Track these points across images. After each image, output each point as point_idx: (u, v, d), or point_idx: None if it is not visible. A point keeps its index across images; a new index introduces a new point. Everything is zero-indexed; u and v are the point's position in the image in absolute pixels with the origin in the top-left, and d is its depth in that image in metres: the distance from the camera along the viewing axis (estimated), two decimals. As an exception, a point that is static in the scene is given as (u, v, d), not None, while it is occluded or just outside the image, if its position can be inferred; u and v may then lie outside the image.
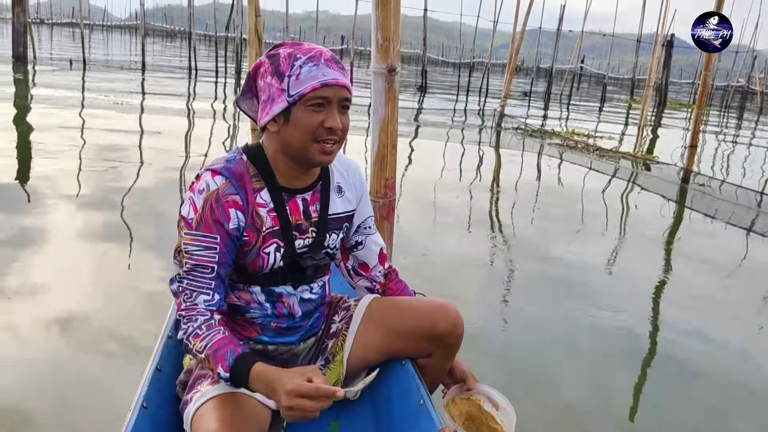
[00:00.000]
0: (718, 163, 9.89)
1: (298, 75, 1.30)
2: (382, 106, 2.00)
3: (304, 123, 1.32)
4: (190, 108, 10.29)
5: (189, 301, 1.33)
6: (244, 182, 1.36)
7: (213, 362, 1.26)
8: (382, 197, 2.11)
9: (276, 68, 1.33)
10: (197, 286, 1.33)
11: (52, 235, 3.63)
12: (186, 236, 1.33)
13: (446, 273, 3.66)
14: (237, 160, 1.38)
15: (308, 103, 1.31)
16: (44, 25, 44.24)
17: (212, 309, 1.34)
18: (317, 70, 1.31)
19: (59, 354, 2.40)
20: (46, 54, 20.07)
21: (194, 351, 1.30)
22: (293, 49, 1.34)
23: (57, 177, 4.89)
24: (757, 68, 30.18)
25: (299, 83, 1.30)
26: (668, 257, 4.52)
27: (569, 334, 2.98)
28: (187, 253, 1.32)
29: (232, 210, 1.33)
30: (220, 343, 1.27)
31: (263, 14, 8.20)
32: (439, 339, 1.54)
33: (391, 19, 1.88)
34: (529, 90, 22.90)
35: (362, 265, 1.66)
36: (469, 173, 7.03)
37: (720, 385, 2.66)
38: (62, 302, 2.80)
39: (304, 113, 1.31)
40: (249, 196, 1.36)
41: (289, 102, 1.31)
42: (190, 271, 1.33)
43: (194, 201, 1.33)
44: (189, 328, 1.31)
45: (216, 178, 1.34)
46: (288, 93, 1.31)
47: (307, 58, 1.32)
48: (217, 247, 1.33)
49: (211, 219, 1.32)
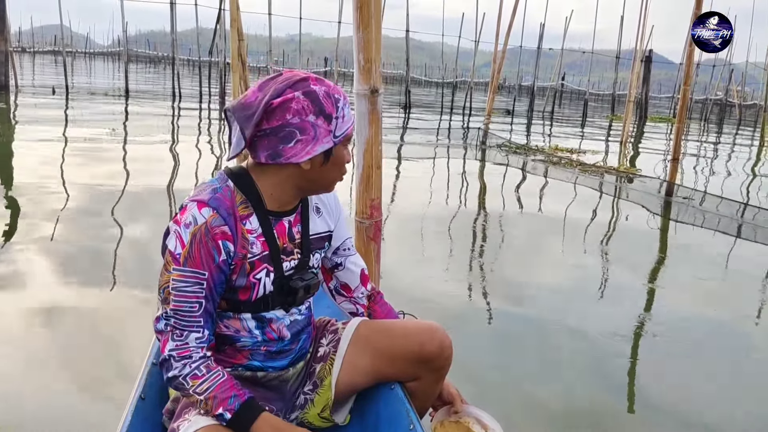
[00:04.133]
0: (701, 175, 10.00)
1: (343, 117, 1.35)
2: (366, 127, 2.00)
3: (341, 160, 1.39)
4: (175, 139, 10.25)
5: (179, 340, 1.30)
6: (233, 210, 1.34)
7: (214, 404, 1.26)
8: (368, 218, 2.10)
9: (320, 109, 1.31)
10: (187, 324, 1.30)
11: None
12: (174, 272, 1.29)
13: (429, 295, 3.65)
14: (223, 188, 1.35)
15: (344, 143, 1.38)
16: (26, 53, 44.14)
17: (203, 346, 1.32)
18: (349, 110, 1.38)
19: (38, 383, 2.34)
20: (29, 82, 19.96)
21: (191, 392, 1.28)
22: (327, 88, 1.34)
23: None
24: (734, 81, 30.74)
25: (344, 124, 1.35)
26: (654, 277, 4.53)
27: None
28: (174, 290, 1.29)
29: (221, 242, 1.30)
30: (223, 386, 1.28)
31: (246, 38, 8.25)
32: (426, 362, 1.52)
33: (373, 40, 1.88)
34: (512, 107, 23.12)
35: (344, 286, 1.65)
36: (454, 191, 7.05)
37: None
38: (42, 330, 2.75)
39: (342, 152, 1.39)
40: (237, 224, 1.34)
41: (334, 142, 1.35)
42: (179, 309, 1.30)
43: (181, 235, 1.29)
44: (184, 367, 1.29)
45: (203, 210, 1.30)
46: (334, 134, 1.34)
47: (344, 99, 1.36)
48: (206, 283, 1.30)
49: (200, 254, 1.29)
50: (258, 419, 1.28)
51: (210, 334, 1.34)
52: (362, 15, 1.86)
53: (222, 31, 16.96)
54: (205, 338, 1.32)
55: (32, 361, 2.52)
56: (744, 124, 28.56)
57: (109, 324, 2.92)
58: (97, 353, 2.62)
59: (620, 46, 23.97)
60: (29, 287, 3.28)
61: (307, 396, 1.56)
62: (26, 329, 2.80)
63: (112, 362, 2.55)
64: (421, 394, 1.58)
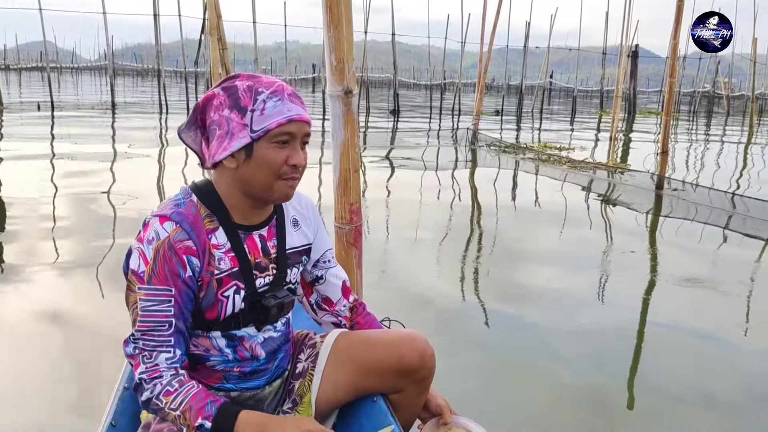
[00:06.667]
0: (691, 166, 9.99)
1: (263, 110, 1.24)
2: (341, 129, 1.93)
3: (269, 160, 1.26)
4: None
5: (149, 362, 1.24)
6: (197, 225, 1.27)
7: (191, 416, 1.20)
8: (347, 223, 2.03)
9: (235, 102, 1.24)
10: (156, 344, 1.24)
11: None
12: (139, 291, 1.23)
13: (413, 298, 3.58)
14: (187, 203, 1.29)
15: (273, 140, 1.25)
16: (11, 70, 43.84)
17: (176, 366, 1.25)
18: (282, 105, 1.25)
19: (7, 408, 2.26)
20: (15, 99, 19.80)
21: (166, 409, 1.22)
22: (252, 82, 1.26)
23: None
24: (721, 73, 30.87)
25: (264, 119, 1.24)
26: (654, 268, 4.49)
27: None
28: (141, 310, 1.23)
29: (185, 257, 1.24)
30: (198, 396, 1.23)
31: (233, 47, 8.16)
32: (408, 374, 1.45)
33: (344, 39, 1.82)
34: (501, 107, 23.12)
35: (326, 300, 1.58)
36: (446, 193, 6.99)
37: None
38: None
39: (269, 150, 1.26)
40: (202, 239, 1.27)
41: (252, 138, 1.24)
42: (147, 329, 1.23)
43: (143, 252, 1.23)
44: (155, 387, 1.23)
45: (165, 224, 1.24)
46: (251, 128, 1.24)
47: (271, 92, 1.25)
48: (173, 300, 1.24)
49: (164, 270, 1.22)
50: (238, 419, 1.22)
51: (182, 353, 1.28)
52: (332, 14, 1.80)
53: (207, 41, 16.87)
54: (176, 358, 1.26)
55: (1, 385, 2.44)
56: (732, 114, 28.67)
57: (81, 346, 2.83)
58: (67, 377, 2.53)
59: (606, 42, 24.06)
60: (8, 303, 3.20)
61: (286, 414, 1.48)
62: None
63: (82, 386, 2.45)
64: (406, 405, 1.51)
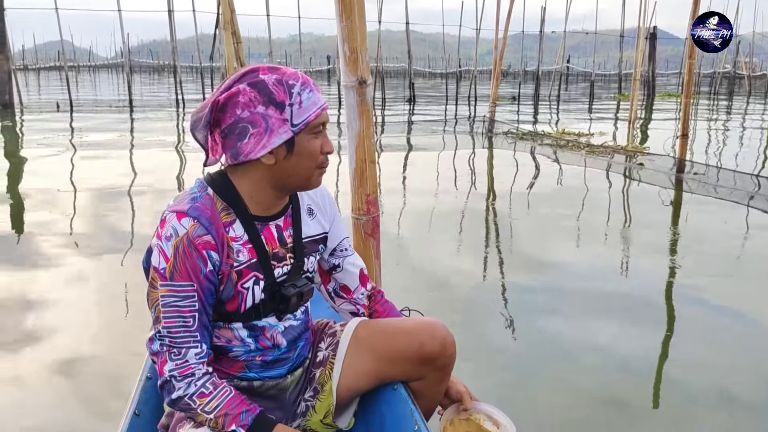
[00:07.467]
0: (712, 150, 9.83)
1: (300, 103, 1.25)
2: (356, 120, 1.93)
3: (310, 151, 1.29)
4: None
5: (178, 359, 1.25)
6: (214, 219, 1.27)
7: (225, 421, 1.23)
8: (364, 214, 2.03)
9: (269, 97, 1.24)
10: (183, 340, 1.25)
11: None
12: (161, 288, 1.24)
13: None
14: (203, 196, 1.29)
15: (311, 132, 1.28)
16: (30, 70, 44.38)
17: (204, 361, 1.27)
18: (313, 95, 1.27)
19: (33, 400, 2.32)
20: (35, 99, 20.07)
21: (199, 411, 1.24)
22: (278, 75, 1.26)
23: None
24: (742, 53, 30.28)
25: (302, 111, 1.25)
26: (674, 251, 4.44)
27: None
28: (164, 306, 1.24)
29: (205, 252, 1.25)
30: (233, 402, 1.25)
31: (247, 41, 8.16)
32: (428, 361, 1.46)
33: (357, 29, 1.81)
34: (518, 94, 22.92)
35: (344, 288, 1.58)
36: (463, 181, 6.97)
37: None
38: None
39: (309, 142, 1.28)
40: (220, 233, 1.27)
41: (293, 132, 1.25)
42: (172, 326, 1.24)
43: (163, 249, 1.23)
44: (189, 386, 1.24)
45: (183, 220, 1.24)
46: (291, 123, 1.25)
47: (301, 84, 1.26)
48: (195, 295, 1.25)
49: (185, 266, 1.23)
50: (274, 430, 1.25)
51: (208, 347, 1.29)
52: (344, 4, 1.79)
53: (221, 36, 16.94)
54: (204, 353, 1.28)
55: (26, 375, 2.50)
56: (754, 94, 28.11)
57: (104, 338, 2.89)
58: (92, 368, 2.59)
59: (624, 25, 23.70)
60: (40, 289, 3.28)
61: (308, 403, 1.50)
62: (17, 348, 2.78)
63: (107, 378, 2.50)
64: (427, 393, 1.51)
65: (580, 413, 2.29)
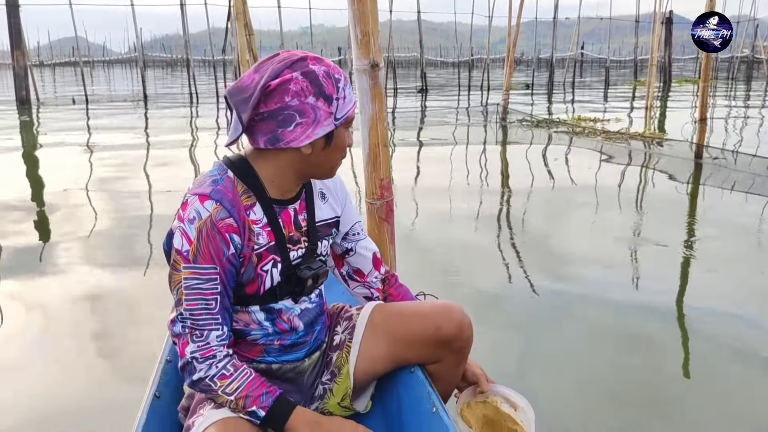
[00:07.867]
0: (731, 134, 9.68)
1: (344, 98, 1.29)
2: (369, 103, 1.92)
3: (343, 144, 1.33)
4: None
5: (200, 341, 1.25)
6: (236, 202, 1.28)
7: (246, 403, 1.23)
8: (378, 198, 2.03)
9: (320, 89, 1.25)
10: (205, 322, 1.26)
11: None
12: (184, 270, 1.24)
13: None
14: (224, 179, 1.29)
15: (346, 126, 1.32)
16: (45, 66, 44.80)
17: (225, 343, 1.28)
18: (351, 91, 1.32)
19: (52, 382, 2.36)
20: (51, 94, 20.26)
21: (220, 392, 1.24)
22: (326, 67, 1.28)
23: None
24: (761, 37, 29.72)
25: (344, 106, 1.29)
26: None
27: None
28: (187, 289, 1.24)
29: (228, 235, 1.25)
30: (253, 384, 1.26)
31: (258, 33, 8.16)
32: (445, 344, 1.45)
33: (368, 12, 1.80)
34: (532, 81, 22.72)
35: (357, 272, 1.59)
36: (475, 170, 6.93)
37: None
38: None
39: (343, 134, 1.32)
40: (241, 215, 1.28)
41: (335, 125, 1.28)
42: (194, 308, 1.25)
43: (186, 231, 1.23)
44: (210, 368, 1.25)
45: (206, 203, 1.24)
46: (335, 116, 1.27)
47: (344, 79, 1.29)
48: (218, 278, 1.25)
49: (209, 249, 1.24)
50: (292, 414, 1.26)
51: (229, 330, 1.30)
52: (356, -13, 1.78)
53: (233, 29, 16.96)
54: (225, 335, 1.28)
55: (48, 359, 2.55)
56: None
57: (125, 320, 2.93)
58: (111, 350, 2.63)
59: (639, 10, 23.37)
60: (64, 279, 3.36)
61: (325, 386, 1.51)
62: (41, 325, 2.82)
63: (127, 360, 2.54)
64: (444, 376, 1.51)
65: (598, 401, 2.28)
